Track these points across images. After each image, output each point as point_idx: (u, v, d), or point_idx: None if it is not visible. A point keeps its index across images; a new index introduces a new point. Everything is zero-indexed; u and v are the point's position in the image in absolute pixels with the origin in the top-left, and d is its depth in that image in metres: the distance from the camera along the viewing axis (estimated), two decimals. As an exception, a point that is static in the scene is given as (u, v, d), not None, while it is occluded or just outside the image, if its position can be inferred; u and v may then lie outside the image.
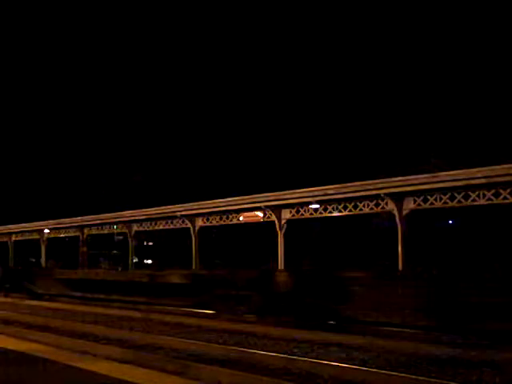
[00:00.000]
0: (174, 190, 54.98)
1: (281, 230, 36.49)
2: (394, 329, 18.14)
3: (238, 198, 38.45)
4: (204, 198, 41.45)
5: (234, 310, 22.15)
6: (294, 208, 36.22)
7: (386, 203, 31.46)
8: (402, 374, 11.18)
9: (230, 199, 38.96)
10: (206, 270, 35.10)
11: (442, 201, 29.51)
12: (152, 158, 69.82)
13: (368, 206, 32.61)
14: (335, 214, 34.67)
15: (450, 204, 29.45)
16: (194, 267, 40.97)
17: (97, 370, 10.68)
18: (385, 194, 30.96)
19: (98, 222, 50.58)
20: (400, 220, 30.74)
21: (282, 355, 13.58)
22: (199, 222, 41.89)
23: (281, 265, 35.58)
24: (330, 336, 16.55)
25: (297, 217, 36.33)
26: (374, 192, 31.39)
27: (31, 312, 26.57)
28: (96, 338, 17.32)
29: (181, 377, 10.84)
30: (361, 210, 33.15)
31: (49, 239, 57.71)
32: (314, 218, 36.42)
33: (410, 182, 29.94)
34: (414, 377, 10.95)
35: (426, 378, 10.84)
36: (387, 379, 10.92)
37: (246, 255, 47.00)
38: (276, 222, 36.52)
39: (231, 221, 39.98)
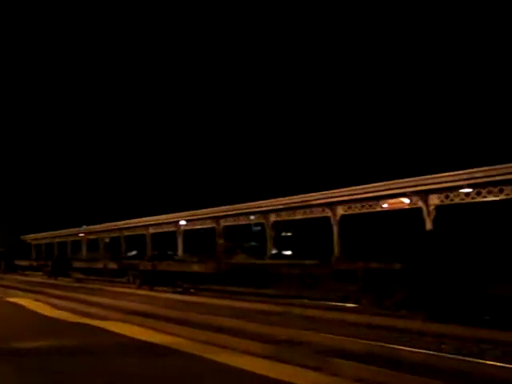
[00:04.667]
0: (311, 177, 53.43)
1: (429, 216, 33.95)
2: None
3: (380, 184, 36.09)
4: (343, 184, 39.42)
5: None
6: (442, 193, 33.61)
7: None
8: None
9: (371, 185, 36.67)
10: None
11: None
12: (285, 145, 68.84)
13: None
14: (490, 198, 31.71)
15: None
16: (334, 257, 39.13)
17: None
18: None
19: (234, 212, 49.31)
20: None
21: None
22: (340, 211, 39.77)
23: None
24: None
25: (446, 202, 33.65)
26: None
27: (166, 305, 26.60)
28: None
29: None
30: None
31: (184, 231, 57.51)
32: (466, 203, 33.58)
33: None
34: None
35: None
36: None
37: (388, 245, 44.68)
38: (424, 208, 33.99)
39: (374, 208, 37.72)
